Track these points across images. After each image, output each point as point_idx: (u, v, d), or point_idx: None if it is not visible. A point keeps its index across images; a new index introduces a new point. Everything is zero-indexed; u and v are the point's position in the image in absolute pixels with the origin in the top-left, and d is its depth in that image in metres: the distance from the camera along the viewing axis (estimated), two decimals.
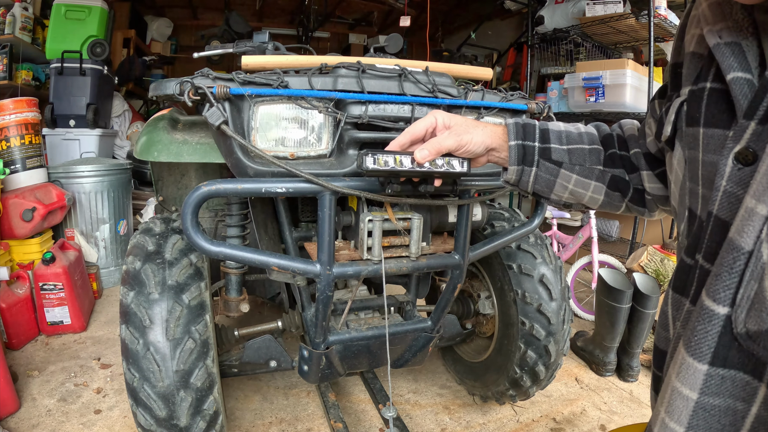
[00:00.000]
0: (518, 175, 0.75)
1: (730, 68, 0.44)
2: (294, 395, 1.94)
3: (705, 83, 0.49)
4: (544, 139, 0.74)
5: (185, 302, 1.18)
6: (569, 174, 0.73)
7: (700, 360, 0.41)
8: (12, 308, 2.16)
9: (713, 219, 0.44)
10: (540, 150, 0.73)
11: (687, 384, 0.42)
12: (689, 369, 0.42)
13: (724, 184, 0.43)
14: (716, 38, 0.46)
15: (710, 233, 0.45)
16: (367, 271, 1.16)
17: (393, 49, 1.54)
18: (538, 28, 3.69)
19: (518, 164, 0.74)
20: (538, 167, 0.73)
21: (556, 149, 0.73)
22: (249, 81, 1.04)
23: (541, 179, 0.74)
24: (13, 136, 2.62)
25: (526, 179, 0.74)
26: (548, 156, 0.73)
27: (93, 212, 2.96)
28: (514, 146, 0.74)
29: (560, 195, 0.75)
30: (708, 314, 0.41)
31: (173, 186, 1.73)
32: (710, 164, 0.47)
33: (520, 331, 1.56)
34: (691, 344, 0.42)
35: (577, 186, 0.73)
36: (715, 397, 0.41)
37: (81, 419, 1.71)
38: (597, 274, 2.58)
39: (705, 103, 0.48)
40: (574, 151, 0.74)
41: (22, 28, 3.48)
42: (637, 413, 1.92)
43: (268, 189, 1.01)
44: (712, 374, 0.41)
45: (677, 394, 0.43)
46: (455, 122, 0.77)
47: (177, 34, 6.15)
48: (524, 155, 0.73)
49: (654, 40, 2.93)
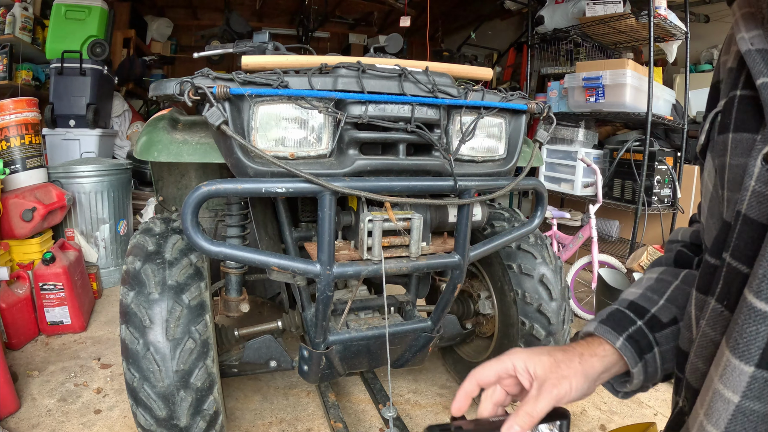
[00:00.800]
0: (644, 373, 0.59)
1: (760, 73, 0.44)
2: (294, 395, 1.94)
3: (736, 91, 0.49)
4: (638, 311, 0.61)
5: (185, 302, 1.18)
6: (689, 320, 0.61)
7: (747, 362, 0.40)
8: (12, 308, 2.16)
9: (742, 218, 0.44)
10: (648, 326, 0.60)
11: (730, 386, 0.41)
12: (734, 371, 0.41)
13: (753, 184, 0.43)
14: (748, 45, 0.46)
15: (739, 232, 0.45)
16: (367, 271, 1.15)
17: (393, 49, 1.54)
18: (538, 28, 3.69)
19: (640, 359, 0.58)
20: (658, 345, 0.59)
21: (660, 310, 0.60)
22: (249, 81, 1.03)
23: (667, 354, 0.59)
24: (13, 136, 2.62)
25: (653, 369, 0.59)
26: (659, 324, 0.59)
27: (93, 212, 2.96)
28: (624, 345, 0.58)
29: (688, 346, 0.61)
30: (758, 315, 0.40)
31: (173, 186, 1.73)
32: (738, 167, 0.47)
33: (520, 331, 1.56)
34: (739, 345, 0.41)
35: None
36: (756, 401, 0.40)
37: (81, 419, 1.71)
38: (597, 274, 2.58)
39: (735, 109, 0.49)
40: (674, 297, 0.61)
41: (22, 28, 3.48)
42: (637, 413, 1.92)
43: (268, 189, 1.01)
44: (757, 377, 0.40)
45: (719, 396, 0.42)
46: (541, 367, 0.55)
47: (177, 34, 6.16)
48: (639, 346, 0.58)
49: (654, 40, 2.93)
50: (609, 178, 3.24)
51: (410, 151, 1.21)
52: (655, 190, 3.03)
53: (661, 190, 3.06)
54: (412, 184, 1.15)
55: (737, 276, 0.45)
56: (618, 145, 3.25)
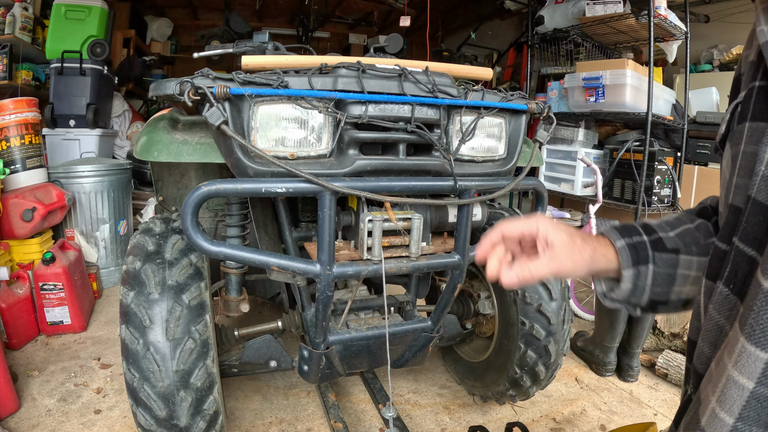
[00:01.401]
0: (633, 281, 0.64)
1: None
2: (294, 395, 1.94)
3: (755, 82, 0.50)
4: (648, 230, 0.66)
5: (185, 302, 1.18)
6: (690, 258, 0.64)
7: (763, 348, 0.40)
8: (12, 308, 2.16)
9: (752, 202, 0.45)
10: (652, 243, 0.65)
11: (745, 373, 0.41)
12: (749, 357, 0.41)
13: (764, 169, 0.44)
14: (766, 37, 0.47)
15: (748, 216, 0.45)
16: (367, 271, 1.15)
17: (393, 49, 1.54)
18: (538, 28, 3.69)
19: (633, 265, 0.63)
20: (654, 263, 0.64)
21: (667, 238, 0.65)
22: (249, 81, 1.03)
23: (659, 277, 0.64)
24: (13, 136, 2.62)
25: (643, 283, 0.64)
26: (662, 246, 0.64)
27: (93, 212, 2.96)
28: (624, 247, 0.64)
29: (681, 289, 0.65)
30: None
31: (173, 186, 1.72)
32: (751, 154, 0.48)
33: (520, 331, 1.56)
34: (755, 332, 0.41)
35: (700, 270, 0.64)
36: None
37: (81, 419, 1.71)
38: None
39: (753, 100, 0.50)
40: (684, 234, 0.66)
41: (22, 28, 3.48)
42: (637, 413, 1.92)
43: (268, 189, 1.02)
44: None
45: (732, 383, 0.42)
46: (559, 242, 0.62)
47: (177, 34, 6.16)
48: (637, 253, 0.64)
49: (654, 40, 2.93)
50: (609, 178, 3.24)
51: (410, 151, 1.21)
52: (655, 190, 3.03)
53: (661, 190, 3.06)
54: (412, 184, 1.15)
55: (745, 259, 0.45)
56: (618, 145, 3.25)
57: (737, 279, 0.46)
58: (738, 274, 0.46)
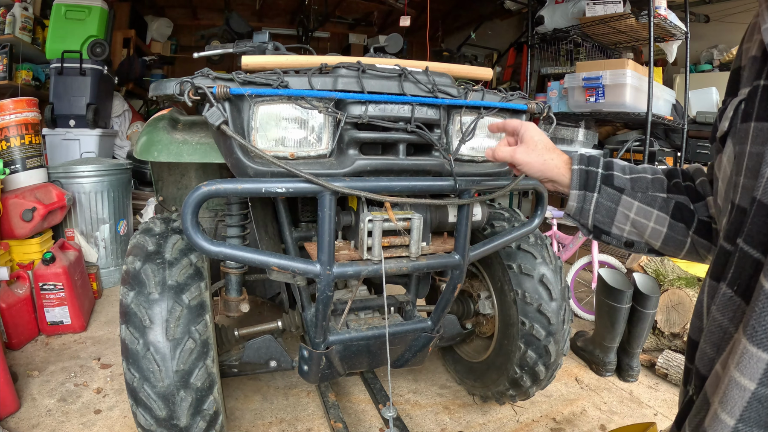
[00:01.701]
0: (580, 202, 0.76)
1: None
2: (294, 395, 1.94)
3: (760, 81, 0.50)
4: (607, 167, 0.76)
5: (185, 302, 1.18)
6: (631, 201, 0.73)
7: (765, 349, 0.41)
8: (12, 308, 2.16)
9: (757, 204, 0.45)
10: (603, 176, 0.75)
11: (746, 374, 0.42)
12: (751, 359, 0.41)
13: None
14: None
15: (753, 217, 0.45)
16: (367, 271, 1.15)
17: (393, 49, 1.54)
18: (538, 28, 3.69)
19: (580, 188, 0.76)
20: (599, 193, 0.75)
21: (619, 177, 0.75)
22: (249, 81, 1.03)
23: (602, 207, 0.75)
24: (13, 136, 2.62)
25: (588, 207, 0.76)
26: (610, 182, 0.75)
27: (93, 212, 2.96)
28: (577, 170, 0.76)
29: (622, 227, 0.75)
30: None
31: (173, 186, 1.73)
32: (756, 155, 0.48)
33: (520, 331, 1.56)
34: (758, 333, 0.41)
35: (639, 215, 0.73)
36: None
37: (81, 419, 1.71)
38: (597, 274, 2.58)
39: (758, 99, 0.50)
40: (636, 180, 0.75)
41: (22, 28, 3.48)
42: (637, 413, 1.92)
43: (268, 189, 1.01)
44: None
45: (734, 384, 0.42)
46: (528, 139, 0.81)
47: (177, 34, 6.16)
48: (587, 180, 0.75)
49: (654, 40, 2.93)
50: None
51: (410, 151, 1.21)
52: None
53: None
54: (412, 184, 1.15)
55: (749, 261, 0.45)
56: (618, 145, 3.25)
57: (741, 280, 0.46)
58: (742, 276, 0.46)
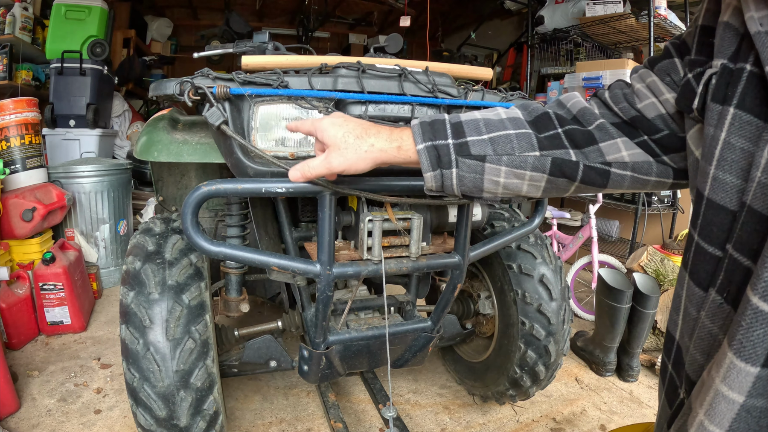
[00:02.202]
0: (438, 182, 0.66)
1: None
2: (294, 395, 1.94)
3: (745, 64, 0.47)
4: (457, 133, 0.65)
5: (185, 302, 1.18)
6: (497, 167, 0.64)
7: (753, 363, 0.40)
8: (12, 308, 2.15)
9: (747, 209, 0.44)
10: (456, 147, 0.64)
11: (735, 388, 0.41)
12: (739, 373, 0.41)
13: (760, 175, 0.42)
14: (757, 26, 0.44)
15: (743, 223, 0.44)
16: (367, 271, 1.15)
17: (393, 49, 1.54)
18: (538, 28, 3.70)
19: (434, 169, 0.65)
20: (458, 167, 0.64)
21: (475, 141, 0.64)
22: (249, 81, 1.03)
23: (466, 180, 0.65)
24: (13, 136, 2.62)
25: (449, 183, 0.66)
26: (467, 152, 0.64)
27: (93, 212, 2.96)
28: (423, 149, 0.65)
29: (494, 192, 0.66)
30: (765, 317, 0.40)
31: (173, 186, 1.73)
32: (740, 150, 0.45)
33: (520, 331, 1.56)
34: (745, 348, 0.41)
35: (509, 178, 0.64)
36: (760, 398, 0.40)
37: (81, 419, 1.71)
38: (597, 274, 2.58)
39: (743, 84, 0.46)
40: (497, 140, 0.64)
41: (22, 28, 3.48)
42: (637, 413, 1.92)
43: (268, 189, 1.01)
44: (762, 376, 0.40)
45: (722, 397, 0.42)
46: (331, 140, 0.68)
47: (177, 34, 6.16)
48: (438, 157, 0.65)
49: (654, 40, 2.94)
50: None
51: None
52: None
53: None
54: (412, 184, 1.15)
55: (739, 269, 0.44)
56: None
57: (731, 288, 0.45)
58: (732, 283, 0.45)
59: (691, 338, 0.50)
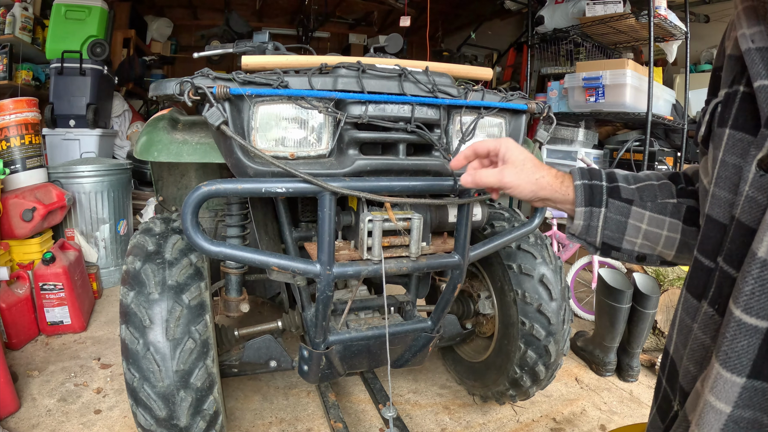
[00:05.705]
0: (586, 220, 0.70)
1: (758, 75, 0.43)
2: (294, 395, 1.94)
3: (739, 86, 0.49)
4: (610, 178, 0.71)
5: (185, 302, 1.18)
6: (641, 212, 0.68)
7: (739, 373, 0.41)
8: (12, 308, 2.15)
9: (736, 223, 0.44)
10: (608, 189, 0.70)
11: (722, 398, 0.42)
12: (726, 383, 0.42)
13: (747, 189, 0.43)
14: (748, 43, 0.45)
15: (732, 236, 0.45)
16: (367, 271, 1.15)
17: (393, 49, 1.54)
18: (538, 28, 3.69)
19: (586, 205, 0.70)
20: (607, 207, 0.69)
21: (625, 188, 0.70)
22: (249, 81, 1.03)
23: (611, 222, 0.69)
24: (13, 136, 2.62)
25: (595, 224, 0.70)
26: (617, 194, 0.69)
27: (93, 212, 2.96)
28: (581, 186, 0.70)
29: (634, 240, 0.70)
30: (747, 328, 0.40)
31: (173, 186, 1.72)
32: (732, 166, 0.47)
33: (520, 331, 1.56)
34: (730, 359, 0.41)
35: (651, 225, 0.68)
36: (746, 409, 0.41)
37: (81, 419, 1.71)
38: (597, 274, 2.58)
39: (737, 106, 0.48)
40: (643, 189, 0.70)
41: (22, 28, 3.48)
42: (637, 413, 1.92)
43: (268, 189, 1.01)
44: (747, 387, 0.41)
45: (710, 408, 0.43)
46: (513, 159, 0.73)
47: (177, 34, 6.16)
48: (591, 195, 0.70)
49: (654, 40, 2.93)
50: None
51: (410, 151, 1.21)
52: None
53: None
54: (412, 184, 1.15)
55: (728, 281, 0.45)
56: (618, 145, 3.25)
57: (722, 299, 0.46)
58: (722, 294, 0.46)
59: (685, 348, 0.51)
